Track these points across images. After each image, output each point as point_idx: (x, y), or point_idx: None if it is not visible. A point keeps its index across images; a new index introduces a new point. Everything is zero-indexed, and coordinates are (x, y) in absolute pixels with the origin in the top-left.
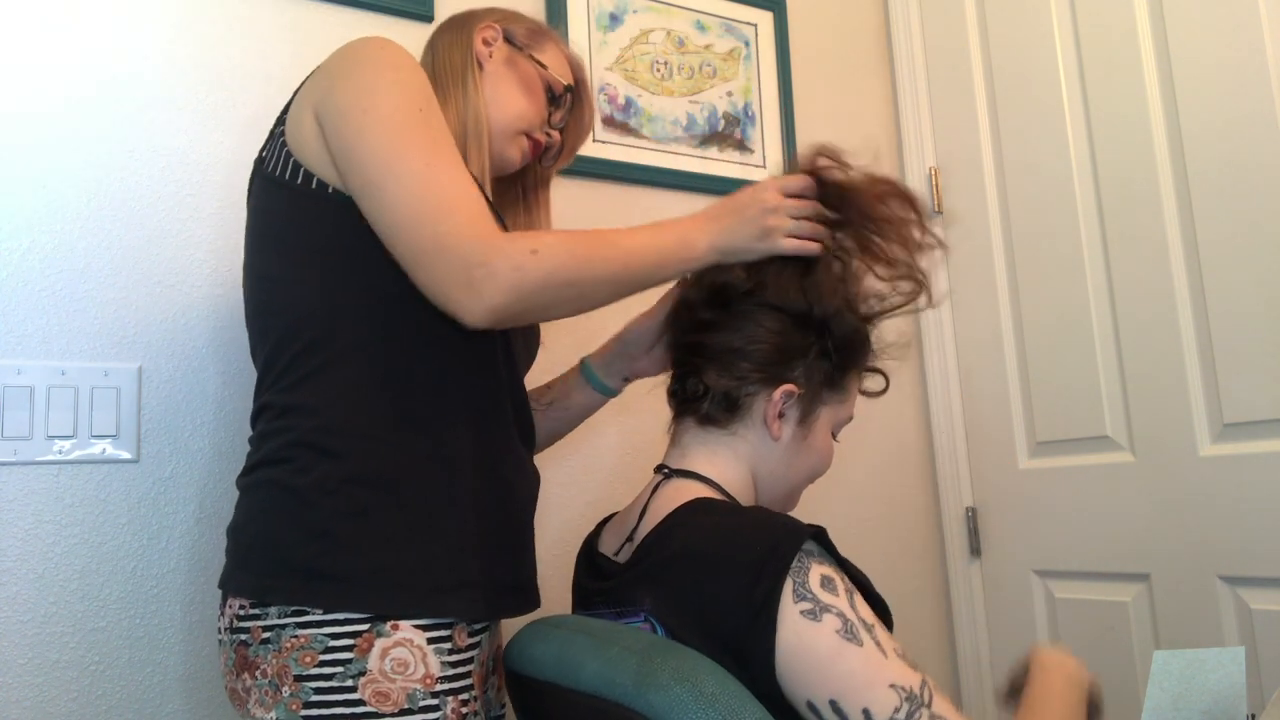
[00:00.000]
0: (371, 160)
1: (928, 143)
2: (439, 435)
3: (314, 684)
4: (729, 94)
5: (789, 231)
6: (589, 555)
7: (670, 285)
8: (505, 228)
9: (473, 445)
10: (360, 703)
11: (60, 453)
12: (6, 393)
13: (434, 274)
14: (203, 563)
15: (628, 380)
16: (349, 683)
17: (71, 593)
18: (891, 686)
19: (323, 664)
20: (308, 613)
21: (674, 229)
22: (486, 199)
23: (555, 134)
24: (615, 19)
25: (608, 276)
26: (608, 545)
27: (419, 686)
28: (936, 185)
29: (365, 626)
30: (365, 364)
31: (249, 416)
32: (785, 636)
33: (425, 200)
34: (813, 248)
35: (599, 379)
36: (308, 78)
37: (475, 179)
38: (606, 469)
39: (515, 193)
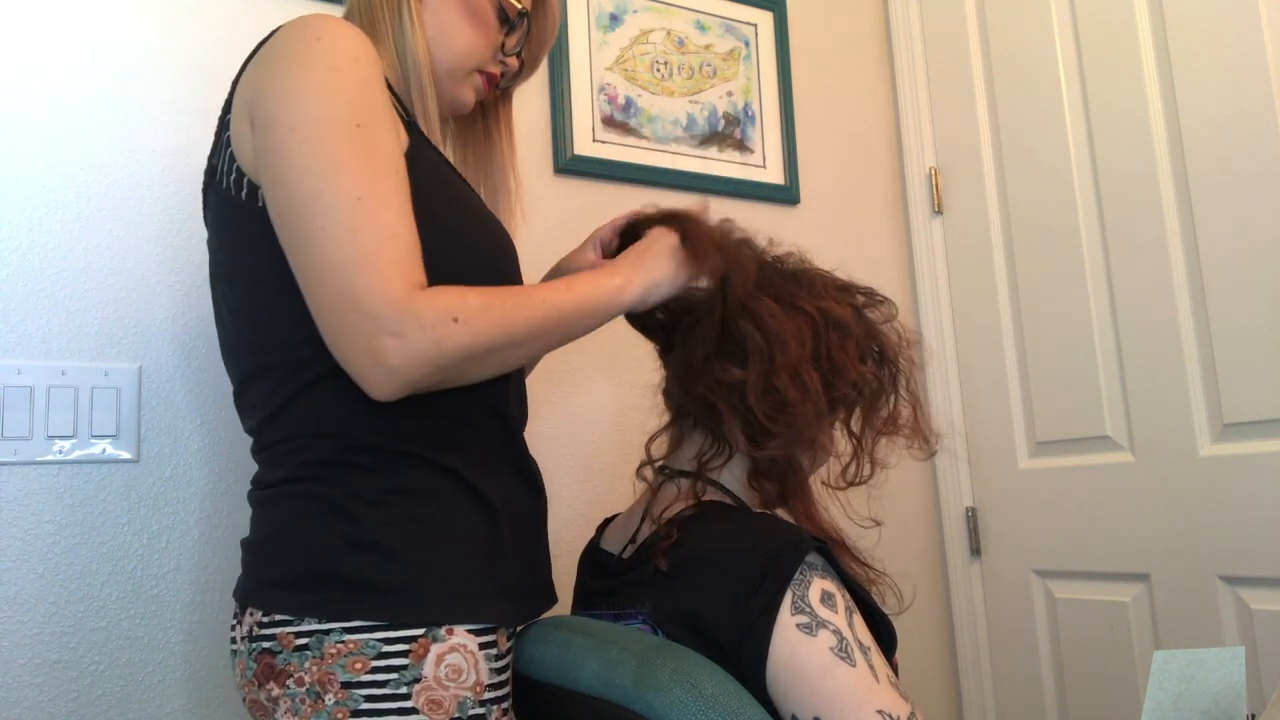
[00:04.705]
0: (296, 187)
1: (928, 143)
2: (461, 442)
3: (365, 691)
4: (729, 94)
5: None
6: (592, 555)
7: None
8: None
9: (497, 447)
10: (413, 710)
11: (60, 453)
12: (6, 393)
13: (340, 334)
14: (203, 563)
15: None
16: (403, 690)
17: (71, 593)
18: (879, 713)
19: (375, 670)
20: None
21: (593, 276)
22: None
23: (511, 60)
24: (615, 19)
25: (531, 335)
26: (611, 545)
27: (470, 694)
28: (936, 185)
29: (420, 631)
30: None
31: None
32: (778, 648)
33: (343, 247)
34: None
35: None
36: (246, 65)
37: (432, 144)
38: (606, 469)
39: (471, 114)
